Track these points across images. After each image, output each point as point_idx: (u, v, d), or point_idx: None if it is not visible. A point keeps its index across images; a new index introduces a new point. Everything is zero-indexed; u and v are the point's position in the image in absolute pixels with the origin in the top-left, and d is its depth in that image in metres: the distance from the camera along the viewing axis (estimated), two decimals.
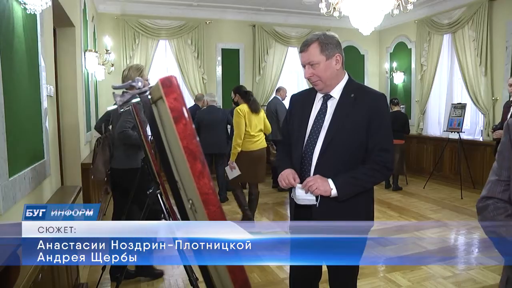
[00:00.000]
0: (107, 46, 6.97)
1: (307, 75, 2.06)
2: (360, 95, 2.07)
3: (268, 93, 8.95)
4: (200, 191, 0.59)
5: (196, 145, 0.58)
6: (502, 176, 1.35)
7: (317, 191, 1.97)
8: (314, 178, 1.98)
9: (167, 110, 0.58)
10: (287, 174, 2.07)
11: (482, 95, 7.22)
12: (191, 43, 8.36)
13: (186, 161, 0.57)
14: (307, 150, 2.08)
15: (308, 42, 2.05)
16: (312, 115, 2.14)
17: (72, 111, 4.57)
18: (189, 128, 0.57)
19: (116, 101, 0.97)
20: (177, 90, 0.58)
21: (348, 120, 2.02)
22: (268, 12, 8.77)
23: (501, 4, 6.94)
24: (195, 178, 0.58)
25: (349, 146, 2.03)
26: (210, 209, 0.59)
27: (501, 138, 1.41)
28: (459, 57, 7.63)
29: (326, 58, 2.03)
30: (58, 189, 3.22)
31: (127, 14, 8.01)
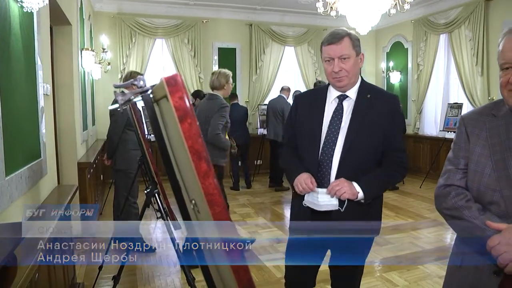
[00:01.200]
0: (104, 44, 6.94)
1: (337, 69, 1.95)
2: (375, 96, 2.04)
3: (265, 92, 8.95)
4: (206, 192, 0.58)
5: (201, 145, 0.57)
6: (459, 165, 1.49)
7: (346, 195, 1.89)
8: (340, 182, 1.90)
9: (172, 109, 0.57)
10: (304, 178, 1.95)
11: (478, 95, 7.25)
12: (187, 42, 8.34)
13: (191, 161, 0.57)
14: (326, 153, 1.99)
15: (340, 35, 1.96)
16: (326, 116, 2.05)
17: (68, 110, 4.55)
18: (195, 128, 0.57)
19: (118, 100, 0.96)
20: (182, 89, 0.58)
21: (367, 121, 1.98)
22: (264, 11, 8.76)
23: (497, 4, 6.96)
24: (200, 178, 0.57)
25: (369, 147, 1.98)
26: (215, 209, 0.59)
27: (457, 126, 1.54)
28: (456, 56, 7.65)
29: (356, 54, 1.99)
30: (54, 188, 3.20)
31: (124, 13, 7.98)
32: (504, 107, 1.43)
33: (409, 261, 4.02)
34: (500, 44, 1.40)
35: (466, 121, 1.50)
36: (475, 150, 1.43)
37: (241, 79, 8.95)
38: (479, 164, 1.40)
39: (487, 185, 1.37)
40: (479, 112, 1.50)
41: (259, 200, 6.67)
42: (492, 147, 1.38)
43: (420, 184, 7.57)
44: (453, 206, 1.45)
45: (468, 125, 1.48)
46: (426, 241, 4.59)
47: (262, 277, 3.72)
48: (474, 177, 1.42)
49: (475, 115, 1.50)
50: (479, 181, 1.39)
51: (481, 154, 1.41)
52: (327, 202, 1.91)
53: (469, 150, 1.45)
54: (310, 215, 2.01)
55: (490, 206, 1.37)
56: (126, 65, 7.97)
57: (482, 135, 1.43)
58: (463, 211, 1.42)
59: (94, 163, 5.37)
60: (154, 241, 4.63)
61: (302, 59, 9.25)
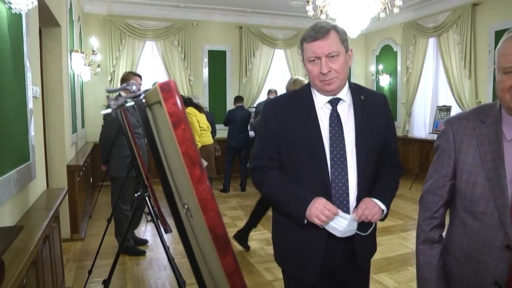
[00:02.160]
0: (93, 46, 6.90)
1: (326, 70, 1.62)
2: (367, 97, 1.79)
3: (255, 95, 8.97)
4: (199, 197, 0.58)
5: (194, 150, 0.57)
6: (442, 171, 1.47)
7: (377, 216, 1.67)
8: (368, 205, 1.64)
9: (166, 115, 0.57)
10: (324, 204, 1.60)
11: (466, 98, 7.33)
12: (177, 45, 8.33)
13: (185, 166, 0.57)
14: (338, 171, 1.66)
15: (325, 29, 1.63)
16: (323, 127, 1.70)
17: (57, 112, 4.51)
18: (188, 134, 0.57)
19: (111, 104, 0.96)
20: (176, 95, 0.58)
21: (371, 126, 1.73)
22: (255, 14, 8.78)
23: (483, 9, 7.06)
24: (194, 183, 0.58)
25: (377, 155, 1.76)
26: (209, 214, 0.59)
27: (442, 130, 1.50)
28: (444, 60, 7.74)
29: (345, 50, 1.68)
30: (43, 192, 3.17)
31: (114, 15, 7.94)
32: (493, 112, 1.39)
33: (399, 263, 4.05)
34: (502, 48, 1.34)
35: (454, 127, 1.44)
36: (467, 160, 1.39)
37: (231, 81, 8.96)
38: (472, 174, 1.37)
39: (481, 195, 1.35)
40: (466, 117, 1.44)
41: (250, 203, 6.66)
42: (483, 155, 1.35)
43: (410, 186, 7.63)
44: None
45: (457, 132, 1.42)
46: (414, 242, 4.62)
47: (253, 280, 3.72)
48: (467, 187, 1.39)
49: (463, 121, 1.43)
50: (472, 191, 1.37)
51: (473, 163, 1.37)
52: (350, 228, 1.64)
53: (459, 159, 1.41)
54: (325, 245, 1.70)
55: (483, 216, 1.35)
56: (116, 67, 7.93)
57: (472, 143, 1.38)
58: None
59: (84, 165, 5.33)
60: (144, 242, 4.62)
61: (292, 62, 9.28)
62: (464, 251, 1.43)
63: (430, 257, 1.50)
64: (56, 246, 2.93)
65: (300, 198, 1.65)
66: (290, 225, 1.73)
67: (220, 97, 8.83)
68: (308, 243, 1.72)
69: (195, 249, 0.85)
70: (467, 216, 1.41)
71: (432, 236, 1.51)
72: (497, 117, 1.37)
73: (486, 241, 1.35)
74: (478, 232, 1.37)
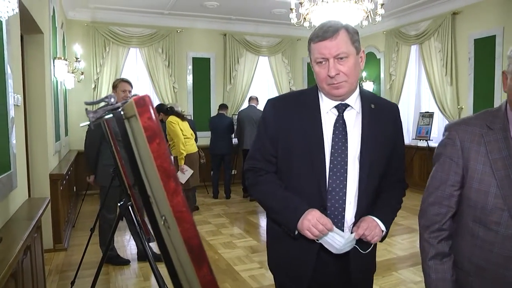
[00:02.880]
0: (77, 53, 6.84)
1: (334, 72, 1.49)
2: (378, 106, 1.66)
3: (239, 102, 8.98)
4: (174, 209, 0.59)
5: (169, 164, 0.58)
6: (450, 181, 1.39)
7: (377, 238, 1.57)
8: (369, 226, 1.54)
9: (141, 129, 0.58)
10: (318, 217, 1.49)
11: (448, 104, 7.46)
12: (162, 52, 8.32)
13: (160, 179, 0.58)
14: (336, 182, 1.56)
15: (334, 28, 1.50)
16: (326, 133, 1.59)
17: (40, 120, 4.46)
18: (163, 147, 0.58)
19: (89, 117, 0.96)
20: (150, 110, 0.59)
21: (378, 138, 1.61)
22: (239, 21, 8.82)
23: (462, 18, 7.23)
24: (169, 196, 0.58)
25: (381, 169, 1.64)
26: (184, 226, 0.60)
27: (447, 137, 1.40)
28: (426, 67, 7.86)
29: (356, 51, 1.55)
30: (25, 202, 3.12)
31: (98, 22, 7.90)
32: (499, 118, 1.33)
33: (384, 268, 4.08)
34: None
35: (460, 134, 1.35)
36: (477, 168, 1.31)
37: (215, 88, 8.96)
38: (483, 183, 1.30)
39: (494, 204, 1.28)
40: (472, 123, 1.36)
41: (234, 210, 6.67)
42: (494, 163, 1.29)
43: None
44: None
45: (464, 139, 1.34)
46: (400, 247, 4.67)
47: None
48: (478, 196, 1.31)
49: (469, 127, 1.35)
50: (484, 201, 1.30)
51: (483, 172, 1.30)
52: (348, 245, 1.54)
53: (468, 167, 1.34)
54: (315, 260, 1.61)
55: (497, 227, 1.29)
56: (99, 74, 7.89)
57: (481, 151, 1.31)
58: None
59: (67, 174, 5.27)
60: (128, 253, 4.58)
61: (276, 69, 9.33)
62: (475, 263, 1.36)
63: (443, 273, 1.39)
64: (37, 257, 2.88)
65: (293, 208, 1.55)
66: (281, 233, 1.65)
67: (204, 104, 8.83)
68: (299, 255, 1.64)
69: (174, 259, 0.86)
70: (477, 227, 1.34)
71: (442, 250, 1.40)
72: (505, 123, 1.31)
73: (502, 253, 1.29)
74: (492, 243, 1.31)
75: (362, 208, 1.59)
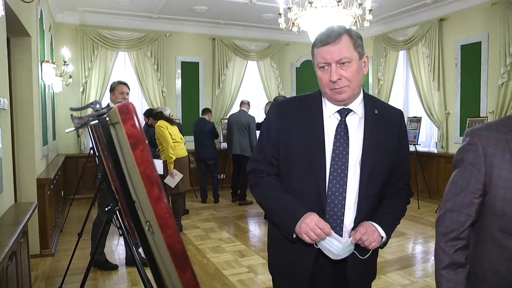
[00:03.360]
0: (65, 57, 6.80)
1: (335, 77, 1.50)
2: (382, 112, 1.66)
3: (228, 106, 8.98)
4: (157, 215, 0.59)
5: (153, 170, 0.59)
6: (471, 188, 1.31)
7: (375, 244, 1.55)
8: (368, 231, 1.53)
9: (125, 136, 0.59)
10: (316, 221, 1.49)
11: (436, 109, 7.54)
12: (150, 56, 8.30)
13: (143, 186, 0.58)
14: (336, 187, 1.56)
15: (337, 33, 1.51)
16: (328, 138, 1.59)
17: (27, 124, 4.41)
18: (146, 154, 0.58)
19: (75, 123, 0.96)
20: (134, 117, 0.59)
21: (381, 144, 1.60)
22: (227, 25, 8.84)
23: (449, 24, 7.35)
24: (152, 202, 0.59)
25: (384, 176, 1.63)
26: (167, 232, 0.60)
27: (468, 143, 1.33)
28: (414, 72, 7.95)
29: (359, 56, 1.55)
30: (11, 206, 3.09)
31: (86, 25, 7.86)
32: None
33: None
34: None
35: (482, 140, 1.29)
36: (502, 176, 1.25)
37: (204, 93, 8.96)
38: (510, 190, 1.24)
39: None
40: (494, 129, 1.30)
41: (223, 214, 6.66)
42: None
43: None
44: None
45: (487, 145, 1.28)
46: (389, 251, 4.70)
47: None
48: (505, 204, 1.24)
49: (491, 133, 1.29)
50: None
51: (509, 179, 1.24)
52: (346, 250, 1.53)
53: (492, 174, 1.27)
54: (313, 263, 1.61)
55: None
56: (88, 78, 7.84)
57: (505, 157, 1.25)
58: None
59: (55, 179, 5.22)
60: (116, 258, 4.54)
61: (264, 74, 9.36)
62: (504, 277, 1.28)
63: (455, 283, 1.32)
64: (23, 262, 2.85)
65: (292, 211, 1.55)
66: (280, 236, 1.66)
67: (193, 108, 8.81)
68: (296, 259, 1.64)
69: (159, 263, 0.86)
70: (504, 237, 1.26)
71: (458, 259, 1.33)
72: None
73: None
74: None
75: (361, 213, 1.58)
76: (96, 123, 0.85)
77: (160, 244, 0.66)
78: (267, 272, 4.05)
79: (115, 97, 4.10)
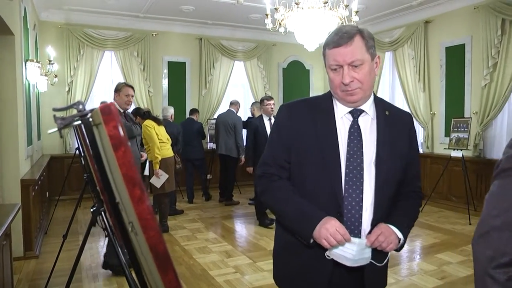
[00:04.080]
0: (50, 56, 6.72)
1: (348, 79, 1.48)
2: (393, 113, 1.65)
3: (214, 107, 8.96)
4: (139, 217, 0.59)
5: (134, 172, 0.59)
6: None
7: (393, 246, 1.51)
8: (384, 232, 1.49)
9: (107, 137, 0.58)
10: (337, 227, 1.43)
11: (421, 110, 7.64)
12: (137, 55, 8.25)
13: (125, 187, 0.58)
14: (352, 189, 1.52)
15: (349, 34, 1.48)
16: (341, 138, 1.56)
17: (11, 124, 4.36)
18: (128, 155, 0.58)
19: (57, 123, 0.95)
20: (116, 118, 0.59)
21: (394, 145, 1.58)
22: (215, 26, 8.83)
23: (434, 26, 7.46)
24: (134, 204, 0.59)
25: (398, 176, 1.60)
26: (149, 234, 0.60)
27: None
28: (400, 73, 8.04)
29: (371, 58, 1.52)
30: None
31: (72, 23, 7.78)
32: None
33: None
34: None
35: None
36: None
37: (190, 93, 8.93)
38: None
39: None
40: None
41: (209, 215, 6.65)
42: None
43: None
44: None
45: None
46: None
47: None
48: None
49: None
50: None
51: None
52: (361, 256, 1.45)
53: None
54: (331, 270, 1.53)
55: None
56: (74, 77, 7.76)
57: None
58: None
59: (40, 179, 5.16)
60: (102, 259, 4.50)
61: (251, 74, 9.36)
62: None
63: None
64: (5, 266, 2.81)
65: (309, 214, 1.50)
66: (293, 242, 1.58)
67: (179, 108, 8.75)
68: (312, 266, 1.56)
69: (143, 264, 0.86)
70: None
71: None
72: None
73: None
74: None
75: (378, 215, 1.54)
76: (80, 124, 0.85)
77: (143, 245, 0.66)
78: (254, 273, 4.09)
79: (121, 98, 4.16)
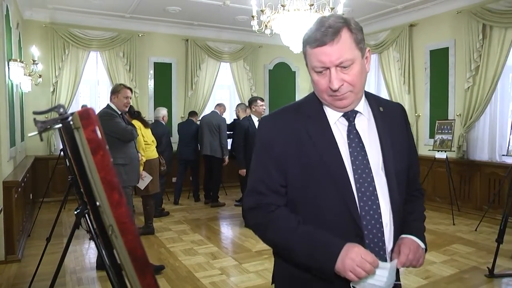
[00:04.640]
0: (34, 56, 6.63)
1: (337, 85, 1.24)
2: (386, 107, 1.46)
3: (201, 108, 8.93)
4: (117, 220, 0.60)
5: (113, 176, 0.59)
6: None
7: (422, 261, 1.34)
8: (412, 248, 1.31)
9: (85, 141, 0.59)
10: (363, 254, 1.19)
11: (406, 112, 7.69)
12: (123, 56, 8.19)
13: (104, 191, 0.58)
14: (368, 207, 1.29)
15: (335, 29, 1.23)
16: (341, 147, 1.32)
17: None
18: (107, 159, 0.58)
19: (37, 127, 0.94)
20: (94, 122, 0.59)
21: (395, 143, 1.39)
22: (201, 27, 8.81)
23: (419, 29, 7.56)
24: (112, 207, 0.59)
25: (406, 177, 1.43)
26: (127, 237, 0.60)
27: None
28: (385, 76, 8.13)
29: (361, 53, 1.29)
30: None
31: (57, 23, 7.68)
32: None
33: None
34: None
35: None
36: None
37: (176, 94, 8.89)
38: None
39: None
40: None
41: (195, 217, 6.63)
42: None
43: None
44: None
45: None
46: None
47: None
48: None
49: None
50: None
51: None
52: (392, 280, 1.23)
53: None
54: None
55: None
56: (58, 78, 7.67)
57: None
58: None
59: (23, 181, 5.08)
60: (87, 262, 4.46)
61: (237, 75, 9.36)
62: None
63: None
64: None
65: (325, 244, 1.24)
66: (302, 276, 1.33)
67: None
68: None
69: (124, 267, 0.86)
70: None
71: None
72: None
73: None
74: None
75: (397, 228, 1.35)
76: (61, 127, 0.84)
77: (122, 248, 0.66)
78: (240, 274, 4.10)
79: (119, 100, 4.25)
